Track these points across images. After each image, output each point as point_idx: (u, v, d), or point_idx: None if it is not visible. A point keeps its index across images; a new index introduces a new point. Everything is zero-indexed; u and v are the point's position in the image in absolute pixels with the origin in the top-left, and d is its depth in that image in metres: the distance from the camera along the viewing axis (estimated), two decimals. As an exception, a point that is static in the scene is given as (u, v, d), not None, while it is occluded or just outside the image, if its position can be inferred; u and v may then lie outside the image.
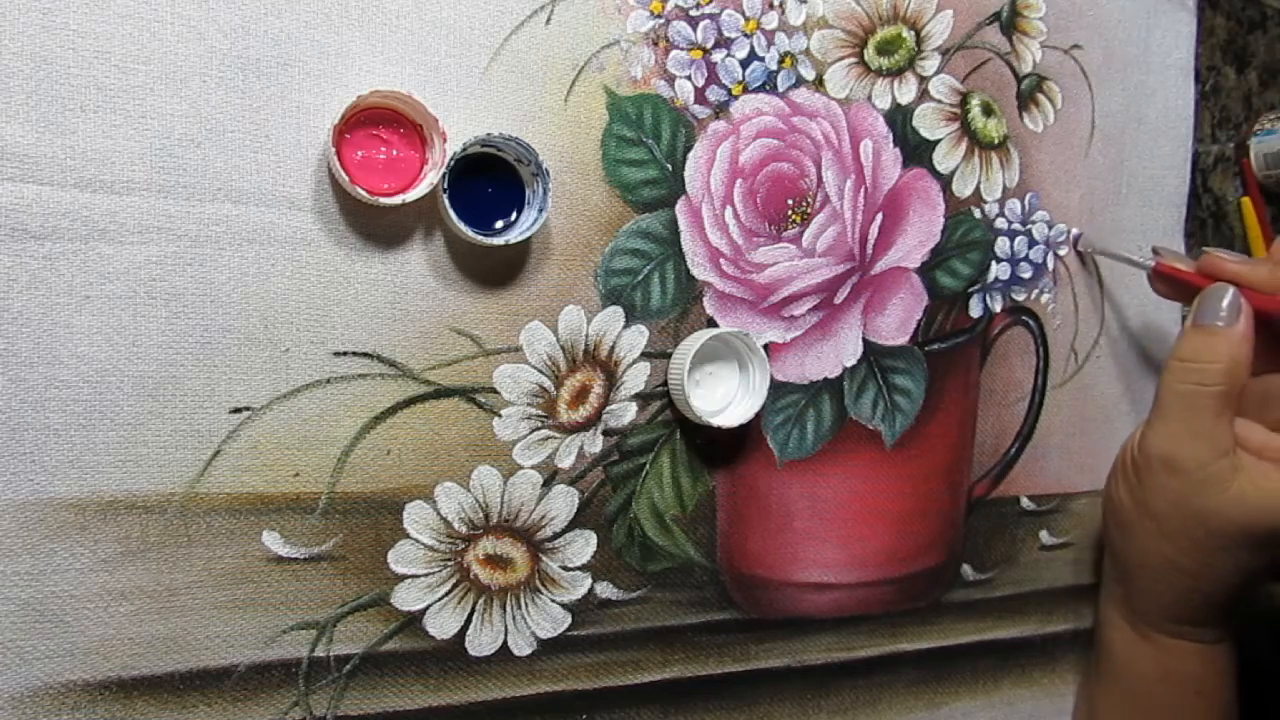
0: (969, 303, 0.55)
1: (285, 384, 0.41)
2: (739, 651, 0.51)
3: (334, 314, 0.42)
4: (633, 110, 0.47)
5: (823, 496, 0.52)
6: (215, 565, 0.41)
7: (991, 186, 0.55)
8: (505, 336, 0.45)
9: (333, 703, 0.43)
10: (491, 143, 0.43)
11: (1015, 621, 0.58)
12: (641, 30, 0.47)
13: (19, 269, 0.37)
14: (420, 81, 0.43)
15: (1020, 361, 0.57)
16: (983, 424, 0.56)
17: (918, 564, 0.54)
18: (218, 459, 0.40)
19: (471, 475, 0.44)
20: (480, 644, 0.45)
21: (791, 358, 0.50)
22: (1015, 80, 0.56)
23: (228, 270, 0.40)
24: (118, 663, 0.39)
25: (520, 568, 0.46)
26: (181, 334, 0.40)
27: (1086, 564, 0.60)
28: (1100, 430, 0.59)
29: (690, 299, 0.48)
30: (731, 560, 0.50)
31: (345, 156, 0.41)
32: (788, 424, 0.51)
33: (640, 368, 0.47)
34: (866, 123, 0.51)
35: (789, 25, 0.50)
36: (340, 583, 0.43)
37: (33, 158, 0.37)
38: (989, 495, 0.57)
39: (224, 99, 0.40)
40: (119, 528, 0.39)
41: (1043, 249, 0.57)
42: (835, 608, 0.53)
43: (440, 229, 0.44)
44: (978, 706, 0.57)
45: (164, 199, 0.39)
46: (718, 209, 0.48)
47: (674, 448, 0.48)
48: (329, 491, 0.42)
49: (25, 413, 0.38)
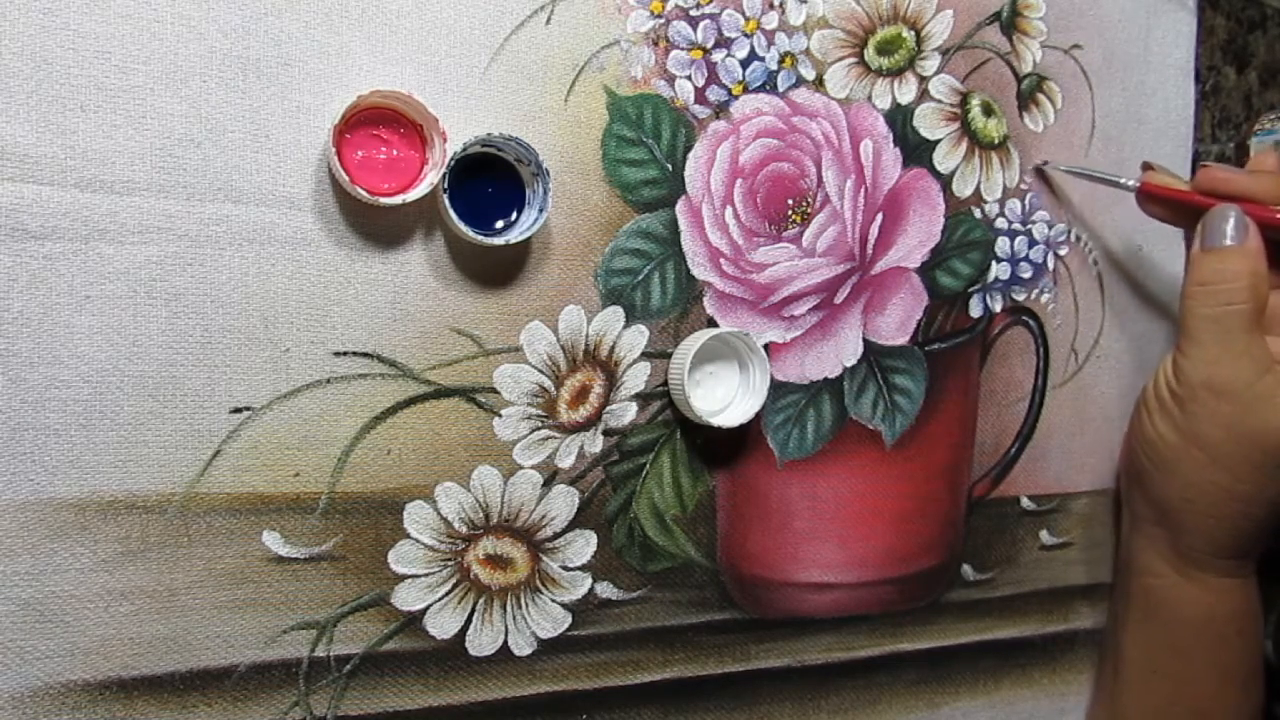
0: (969, 303, 0.55)
1: (285, 384, 0.41)
2: (739, 651, 0.51)
3: (334, 314, 0.42)
4: (633, 110, 0.47)
5: (823, 496, 0.52)
6: (215, 565, 0.41)
7: (992, 186, 0.55)
8: (505, 336, 0.45)
9: (333, 703, 0.43)
10: (491, 143, 0.43)
11: (1015, 621, 0.58)
12: (641, 30, 0.47)
13: (19, 269, 0.37)
14: (420, 81, 0.43)
15: (1020, 361, 0.57)
16: (983, 424, 0.56)
17: (918, 564, 0.54)
18: (218, 459, 0.40)
19: (472, 475, 0.44)
20: (480, 644, 0.45)
21: (791, 358, 0.50)
22: (1015, 80, 0.56)
23: (228, 270, 0.40)
24: (118, 663, 0.39)
25: (520, 568, 0.46)
26: (182, 334, 0.40)
27: (1086, 564, 0.60)
28: (1100, 430, 0.59)
29: (690, 299, 0.48)
30: (732, 560, 0.50)
31: (345, 156, 0.41)
32: (788, 424, 0.51)
33: (640, 368, 0.47)
34: (866, 123, 0.51)
35: (789, 25, 0.50)
36: (340, 583, 0.43)
37: (33, 158, 0.37)
38: (989, 495, 0.57)
39: (224, 99, 0.40)
40: (119, 528, 0.39)
41: (1043, 249, 0.57)
42: (835, 608, 0.53)
43: (440, 229, 0.44)
44: (978, 706, 0.57)
45: (164, 199, 0.39)
46: (718, 209, 0.48)
47: (674, 448, 0.48)
48: (329, 491, 0.42)
49: (25, 413, 0.38)
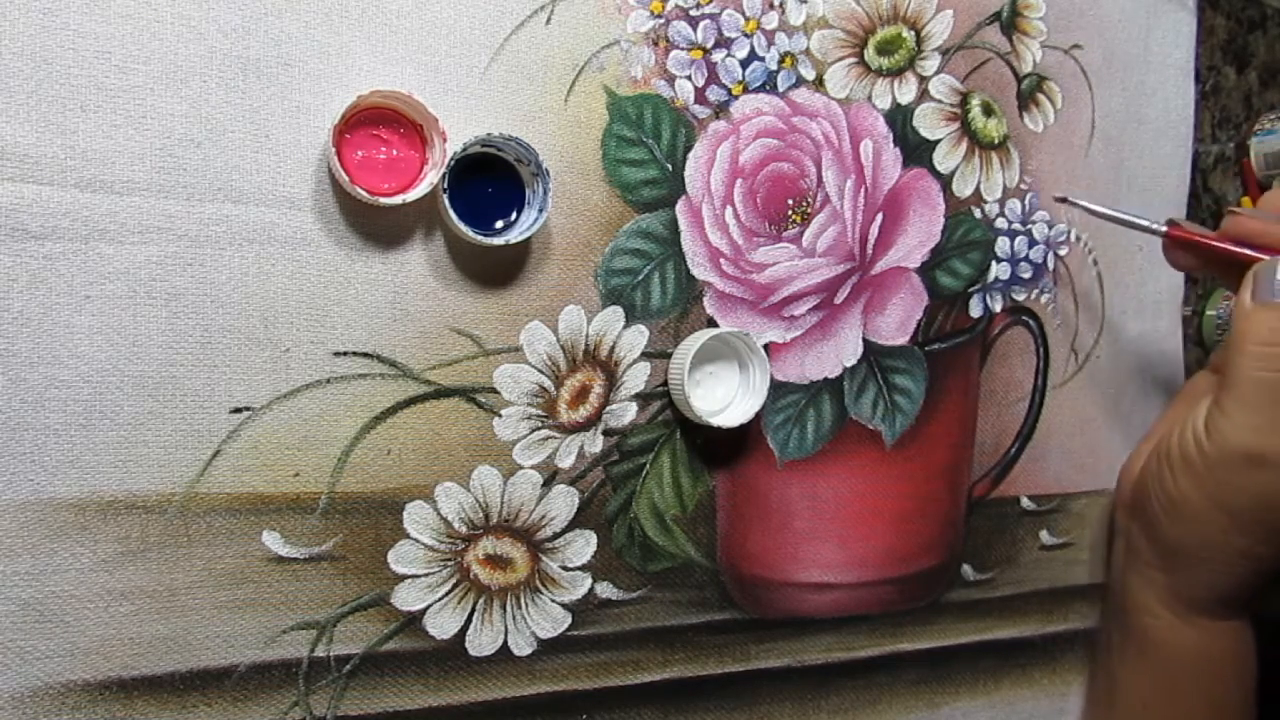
0: (969, 303, 0.55)
1: (285, 384, 0.41)
2: (739, 651, 0.51)
3: (334, 314, 0.42)
4: (633, 110, 0.47)
5: (823, 496, 0.52)
6: (215, 565, 0.41)
7: (991, 186, 0.55)
8: (505, 336, 0.45)
9: (333, 703, 0.43)
10: (491, 143, 0.43)
11: (1015, 621, 0.58)
12: (641, 30, 0.47)
13: (19, 269, 0.37)
14: (420, 81, 0.43)
15: (1020, 361, 0.57)
16: (983, 424, 0.56)
17: (918, 564, 0.54)
18: (218, 459, 0.40)
19: (471, 475, 0.44)
20: (480, 644, 0.45)
21: (791, 358, 0.50)
22: (1015, 80, 0.56)
23: (228, 270, 0.40)
24: (118, 663, 0.39)
25: (520, 568, 0.46)
26: (181, 334, 0.40)
27: (1086, 564, 0.60)
28: (1100, 430, 0.59)
29: (690, 299, 0.48)
30: (731, 560, 0.50)
31: (345, 156, 0.41)
32: (788, 424, 0.51)
33: (640, 368, 0.47)
34: (866, 123, 0.51)
35: (789, 25, 0.50)
36: (340, 583, 0.43)
37: (33, 158, 0.37)
38: (989, 495, 0.57)
39: (224, 99, 0.40)
40: (119, 528, 0.39)
41: (1043, 249, 0.57)
42: (835, 608, 0.53)
43: (440, 229, 0.44)
44: (978, 706, 0.57)
45: (164, 199, 0.39)
46: (718, 209, 0.48)
47: (674, 448, 0.48)
48: (329, 491, 0.42)
49: (25, 412, 0.38)
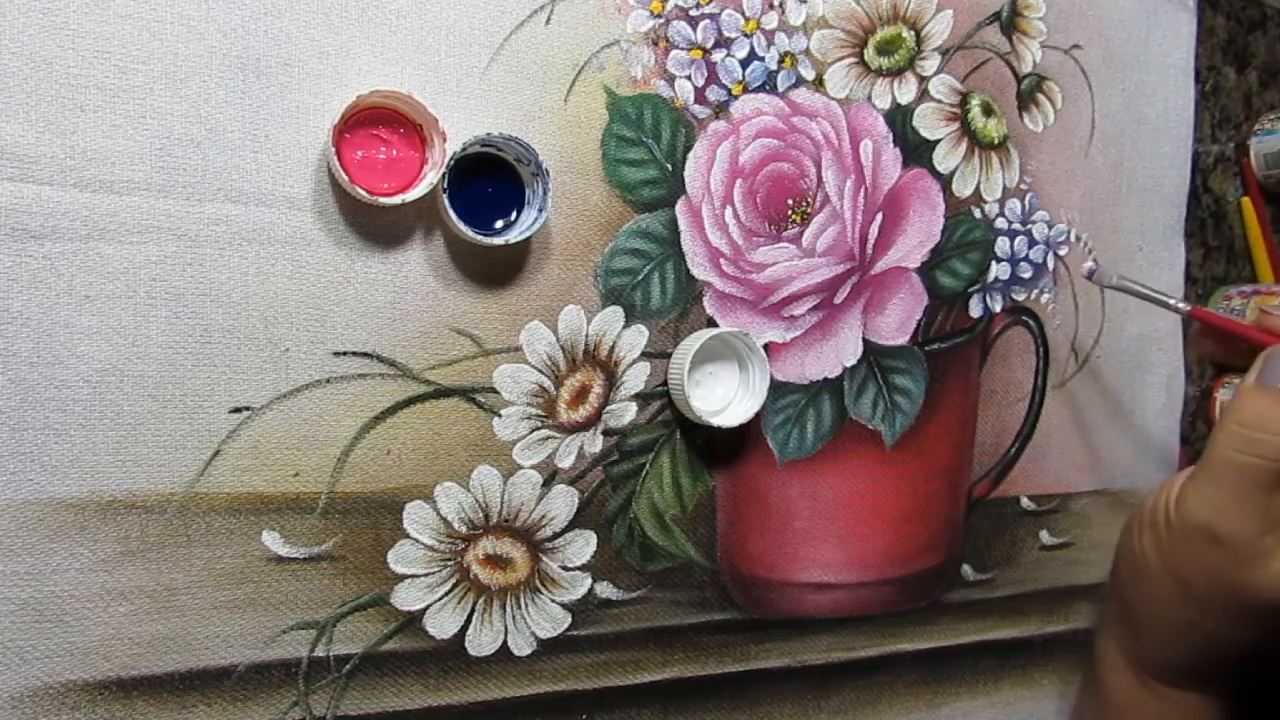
0: (969, 303, 0.55)
1: (285, 384, 0.41)
2: (739, 651, 0.51)
3: (334, 314, 0.42)
4: (633, 110, 0.47)
5: (823, 496, 0.52)
6: (215, 565, 0.41)
7: (991, 186, 0.55)
8: (505, 336, 0.45)
9: (333, 703, 0.43)
10: (491, 142, 0.43)
11: (1015, 621, 0.58)
12: (641, 30, 0.47)
13: (19, 269, 0.37)
14: (420, 81, 0.43)
15: (1020, 361, 0.57)
16: (983, 424, 0.56)
17: (918, 564, 0.54)
18: (218, 459, 0.40)
19: (471, 475, 0.44)
20: (480, 644, 0.45)
21: (791, 358, 0.50)
22: (1015, 80, 0.56)
23: (228, 270, 0.40)
24: (118, 663, 0.39)
25: (520, 568, 0.46)
26: (182, 334, 0.40)
27: (1086, 564, 0.60)
28: (1100, 430, 0.59)
29: (690, 299, 0.48)
30: (731, 560, 0.50)
31: (345, 156, 0.41)
32: (788, 424, 0.51)
33: (640, 368, 0.47)
34: (866, 123, 0.51)
35: (789, 25, 0.50)
36: (340, 583, 0.43)
37: (33, 158, 0.37)
38: (989, 495, 0.57)
39: (224, 99, 0.40)
40: (119, 528, 0.39)
41: (1043, 249, 0.57)
42: (835, 608, 0.53)
43: (440, 229, 0.44)
44: (978, 706, 0.57)
45: (164, 199, 0.39)
46: (718, 209, 0.48)
47: (674, 448, 0.48)
48: (329, 491, 0.42)
49: (26, 412, 0.38)
